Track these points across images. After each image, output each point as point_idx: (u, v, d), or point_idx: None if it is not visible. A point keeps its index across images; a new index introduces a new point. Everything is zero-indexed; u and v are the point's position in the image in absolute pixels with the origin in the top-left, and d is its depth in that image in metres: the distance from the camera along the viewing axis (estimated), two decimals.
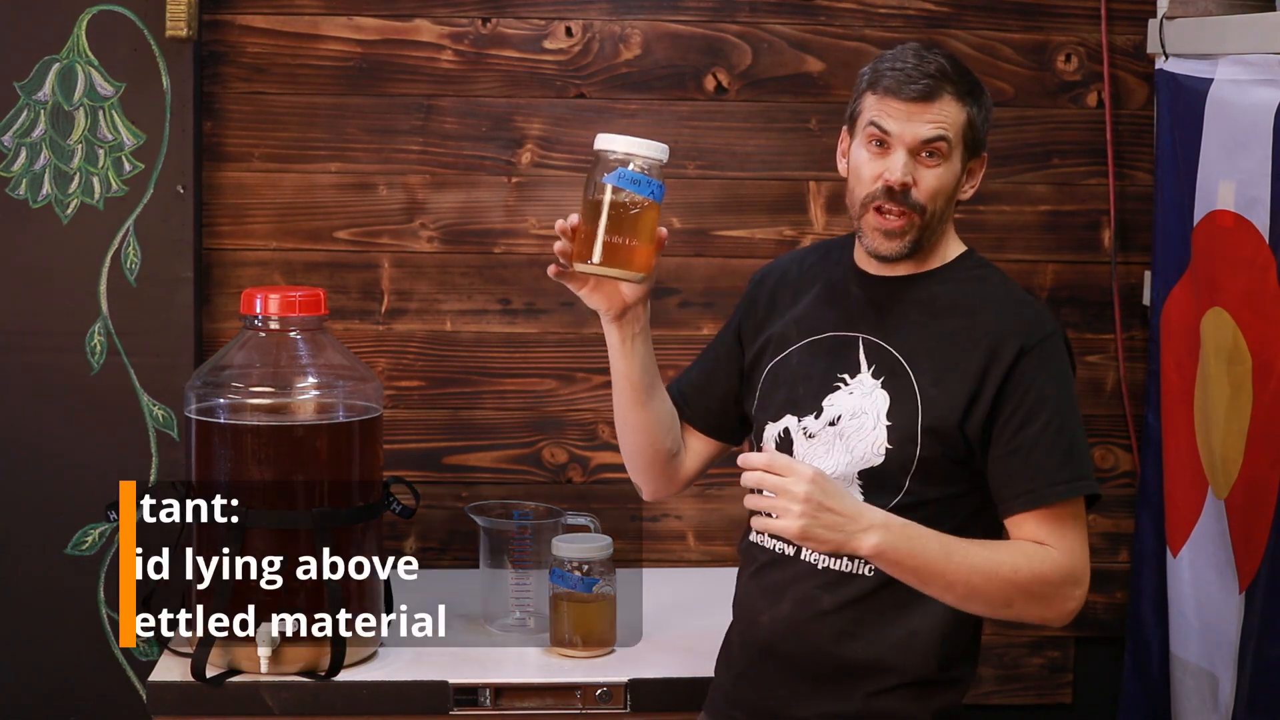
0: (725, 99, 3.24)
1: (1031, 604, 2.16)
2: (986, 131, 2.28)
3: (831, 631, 2.23)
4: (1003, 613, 2.18)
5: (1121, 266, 3.30)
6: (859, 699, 2.22)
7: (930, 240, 2.25)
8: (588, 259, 2.17)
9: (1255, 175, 2.69)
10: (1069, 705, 3.38)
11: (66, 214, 3.12)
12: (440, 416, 3.27)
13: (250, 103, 3.20)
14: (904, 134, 2.20)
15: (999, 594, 2.15)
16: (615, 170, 2.18)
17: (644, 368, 2.30)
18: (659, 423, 2.36)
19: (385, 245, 3.24)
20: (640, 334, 2.28)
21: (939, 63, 2.22)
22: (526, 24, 3.22)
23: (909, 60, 2.22)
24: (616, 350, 2.29)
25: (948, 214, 2.26)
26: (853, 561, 2.22)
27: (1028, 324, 2.22)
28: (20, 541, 3.14)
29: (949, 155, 2.22)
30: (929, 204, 2.22)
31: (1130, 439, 3.32)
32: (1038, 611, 2.17)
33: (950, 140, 2.21)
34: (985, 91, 2.28)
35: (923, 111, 2.20)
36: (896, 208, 2.21)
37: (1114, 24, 3.26)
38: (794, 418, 2.28)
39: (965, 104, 2.23)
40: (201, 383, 2.59)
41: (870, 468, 2.21)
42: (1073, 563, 2.17)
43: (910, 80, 2.20)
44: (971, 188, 2.28)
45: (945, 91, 2.21)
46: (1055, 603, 2.17)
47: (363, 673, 2.59)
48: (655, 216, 2.20)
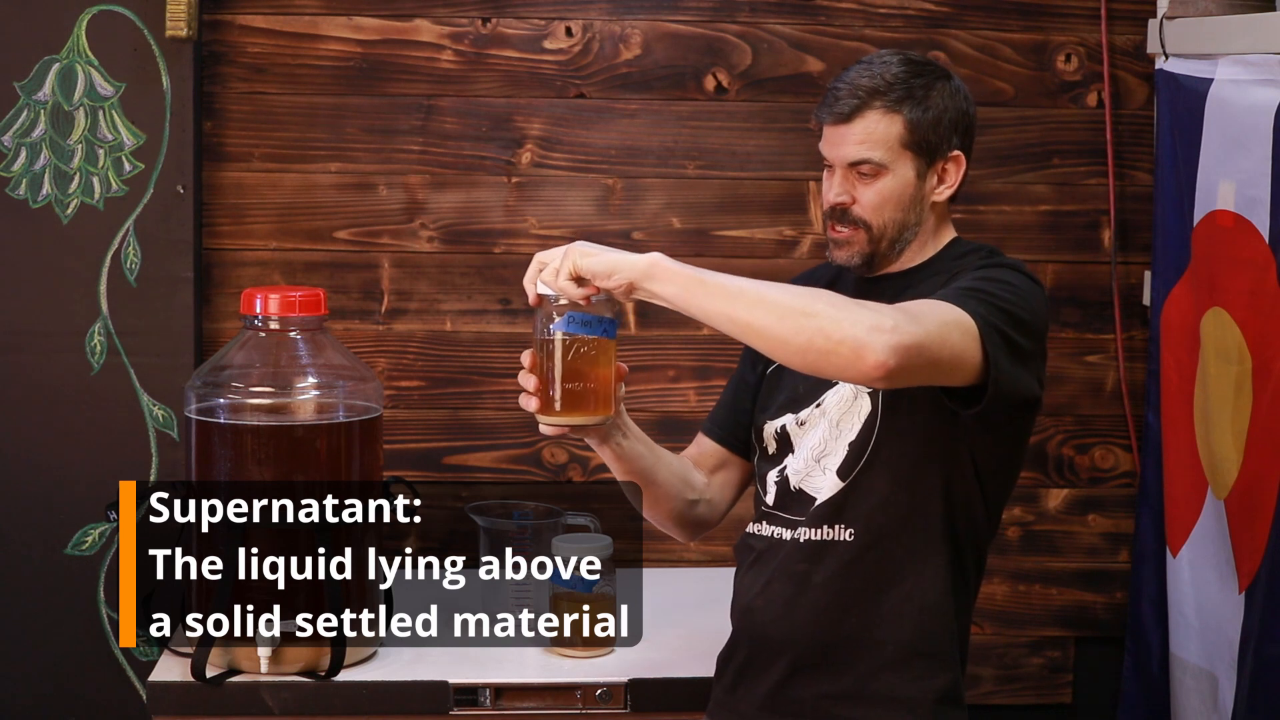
0: (725, 99, 3.24)
1: (834, 314, 1.99)
2: (952, 130, 2.26)
3: (825, 606, 2.25)
4: (803, 322, 2.00)
5: (1121, 266, 3.30)
6: (856, 678, 2.24)
7: (897, 247, 2.28)
8: (549, 411, 2.15)
9: (1255, 175, 2.69)
10: (1069, 705, 3.38)
11: (66, 214, 3.12)
12: (440, 416, 3.27)
13: (250, 103, 3.20)
14: (834, 158, 2.26)
15: (797, 296, 2.02)
16: (564, 315, 2.13)
17: (640, 458, 2.34)
18: (668, 493, 2.40)
19: (385, 245, 3.24)
20: (626, 438, 2.30)
21: (872, 75, 2.24)
22: (526, 24, 3.22)
23: (841, 82, 2.26)
24: (608, 460, 2.33)
25: (911, 220, 2.27)
26: (832, 528, 2.24)
27: (979, 256, 2.25)
28: (20, 541, 3.14)
29: (887, 168, 2.24)
30: (872, 218, 2.25)
31: (1130, 439, 3.32)
32: (842, 330, 1.98)
33: (877, 158, 2.24)
34: (940, 90, 2.26)
35: (846, 133, 2.24)
36: (841, 225, 2.27)
37: (1114, 24, 3.26)
38: (792, 415, 2.30)
39: (899, 111, 2.23)
40: (201, 383, 2.59)
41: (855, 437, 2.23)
42: (891, 311, 2.01)
43: (834, 102, 2.25)
44: (948, 187, 2.28)
45: (869, 108, 2.23)
46: (859, 325, 1.98)
47: (362, 673, 2.59)
48: (611, 352, 2.16)
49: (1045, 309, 2.21)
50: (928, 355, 2.02)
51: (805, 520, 2.26)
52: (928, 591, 2.23)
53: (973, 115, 2.30)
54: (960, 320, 2.07)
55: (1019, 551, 3.34)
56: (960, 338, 2.06)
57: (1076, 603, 3.36)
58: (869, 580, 2.24)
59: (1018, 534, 3.33)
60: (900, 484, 2.22)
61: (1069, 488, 3.35)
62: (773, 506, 2.31)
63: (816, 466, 2.26)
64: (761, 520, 2.33)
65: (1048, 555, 3.35)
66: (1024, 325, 2.13)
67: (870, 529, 2.23)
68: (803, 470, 2.28)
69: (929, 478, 2.22)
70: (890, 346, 1.97)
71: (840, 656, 2.25)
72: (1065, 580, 3.36)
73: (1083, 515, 3.35)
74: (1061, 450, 3.34)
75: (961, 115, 2.27)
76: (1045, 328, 2.21)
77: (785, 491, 2.29)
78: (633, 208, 3.24)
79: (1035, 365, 2.20)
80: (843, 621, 2.25)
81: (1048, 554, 3.35)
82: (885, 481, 2.22)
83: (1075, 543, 3.36)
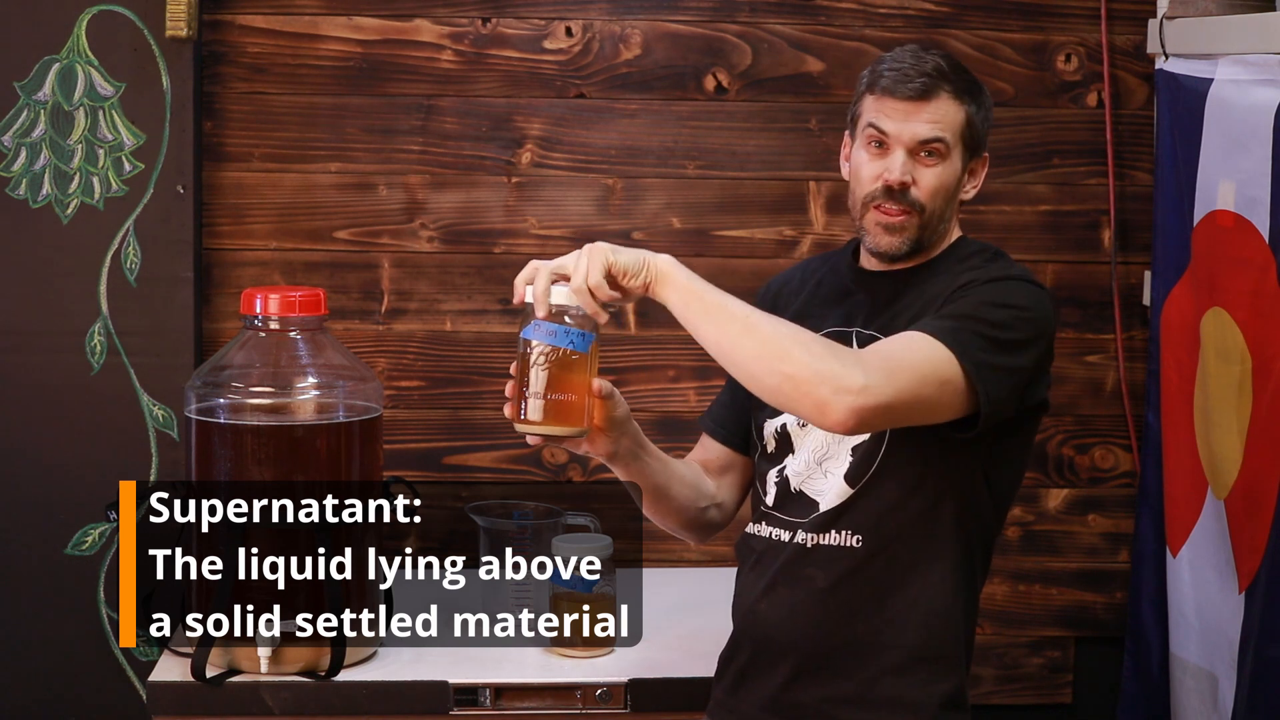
0: (725, 99, 3.24)
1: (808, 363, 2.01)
2: (987, 131, 2.28)
3: (830, 611, 2.24)
4: (778, 365, 2.02)
5: (1121, 266, 3.30)
6: (860, 682, 2.23)
7: (931, 239, 2.26)
8: (518, 418, 2.16)
9: (1255, 175, 2.69)
10: (1069, 705, 3.38)
11: (66, 214, 3.12)
12: (440, 416, 3.27)
13: (250, 103, 3.20)
14: (902, 134, 2.21)
15: (780, 339, 2.03)
16: (531, 323, 2.12)
17: (653, 474, 2.34)
18: (681, 504, 2.40)
19: (385, 245, 3.24)
20: (638, 458, 2.31)
21: (936, 62, 2.23)
22: (526, 24, 3.22)
23: (906, 60, 2.23)
24: (622, 477, 2.35)
25: (949, 213, 2.26)
26: (839, 534, 2.23)
27: (985, 265, 2.24)
28: (20, 541, 3.14)
29: (947, 155, 2.22)
30: (929, 202, 2.22)
31: (1130, 439, 3.32)
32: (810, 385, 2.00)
33: (948, 140, 2.22)
34: (984, 91, 2.28)
35: (919, 110, 2.21)
36: (896, 206, 2.22)
37: (1114, 24, 3.26)
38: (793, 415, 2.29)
39: (964, 103, 2.23)
40: (201, 383, 2.59)
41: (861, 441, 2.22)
42: (869, 364, 2.03)
43: (906, 79, 2.21)
44: (974, 188, 2.29)
45: (943, 90, 2.22)
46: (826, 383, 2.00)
47: (362, 673, 2.59)
48: (582, 367, 2.14)
49: (1052, 314, 2.20)
50: (895, 413, 2.05)
51: (806, 523, 2.26)
52: (934, 596, 2.22)
53: None
54: (939, 367, 2.06)
55: (1019, 551, 3.34)
56: (936, 389, 2.06)
57: (1076, 603, 3.36)
58: (875, 586, 2.23)
59: (1018, 534, 3.33)
60: (909, 491, 2.21)
61: (1069, 488, 3.35)
62: (772, 507, 2.30)
63: (818, 469, 2.25)
64: (761, 521, 2.32)
65: (1048, 555, 3.35)
66: (1020, 346, 2.13)
67: (878, 536, 2.22)
68: (804, 472, 2.27)
69: (938, 485, 2.21)
70: (851, 409, 2.00)
71: (844, 661, 2.24)
72: (1065, 580, 3.36)
73: (1083, 515, 3.35)
74: (1061, 450, 3.34)
75: (991, 119, 2.29)
76: (1051, 334, 2.20)
77: (785, 493, 2.29)
78: (633, 208, 3.23)
79: (1038, 377, 2.19)
80: (848, 626, 2.24)
81: (1048, 554, 3.35)
82: (894, 489, 2.21)
83: (1075, 543, 3.36)
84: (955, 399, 2.08)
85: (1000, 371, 2.10)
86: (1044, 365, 2.21)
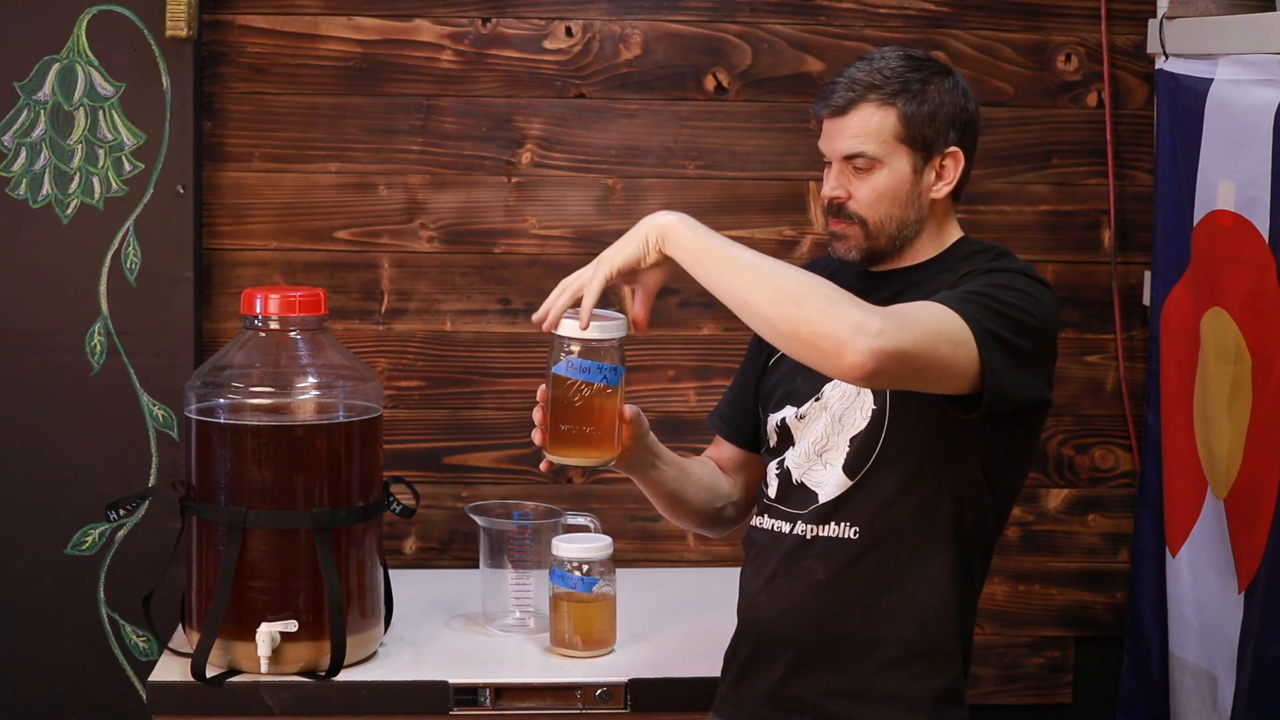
0: (725, 99, 3.24)
1: (824, 307, 1.99)
2: (949, 124, 2.26)
3: (828, 604, 2.25)
4: (793, 310, 2.00)
5: (1121, 266, 3.31)
6: (859, 675, 2.24)
7: (893, 245, 2.28)
8: (548, 447, 2.19)
9: (1255, 175, 2.69)
10: (1069, 705, 3.39)
11: (66, 214, 3.12)
12: (440, 416, 3.27)
13: (250, 103, 3.20)
14: (830, 152, 2.28)
15: (795, 284, 2.02)
16: (563, 359, 2.15)
17: (670, 481, 2.39)
18: (698, 507, 2.45)
19: (385, 245, 3.24)
20: (655, 467, 2.36)
21: (868, 70, 2.25)
22: (526, 24, 3.22)
23: (839, 76, 2.28)
24: (640, 485, 2.40)
25: (909, 217, 2.27)
26: (838, 526, 2.25)
27: (990, 261, 2.25)
28: (20, 541, 3.14)
29: (882, 162, 2.24)
30: (868, 213, 2.26)
31: (1130, 439, 3.33)
32: (827, 325, 1.98)
33: (871, 151, 2.24)
34: (935, 84, 2.26)
35: (842, 126, 2.26)
36: (838, 220, 2.29)
37: (1114, 24, 3.26)
38: (792, 408, 2.31)
39: (893, 105, 2.24)
40: (201, 383, 2.59)
41: (859, 432, 2.23)
42: (886, 314, 2.02)
43: (825, 98, 2.27)
44: (947, 184, 2.28)
45: (864, 100, 2.24)
46: (845, 323, 1.98)
47: (363, 673, 2.59)
48: (613, 400, 2.18)
49: (1055, 311, 2.21)
50: (911, 363, 2.02)
51: (806, 515, 2.27)
52: (931, 591, 2.23)
53: (973, 112, 2.30)
54: (954, 330, 2.06)
55: (1019, 551, 3.34)
56: (951, 349, 2.05)
57: (1076, 603, 3.36)
58: (872, 579, 2.24)
59: (1018, 534, 3.33)
60: (907, 484, 2.22)
61: (1069, 488, 3.35)
62: (774, 499, 2.32)
63: (818, 460, 2.27)
64: (764, 513, 2.34)
65: (1048, 555, 3.35)
66: (1028, 329, 2.13)
67: (875, 528, 2.23)
68: (804, 463, 2.28)
69: (937, 478, 2.22)
70: (870, 350, 1.97)
71: (842, 654, 2.25)
72: (1065, 580, 3.36)
73: (1083, 515, 3.35)
74: (1061, 450, 3.34)
75: (960, 111, 2.27)
76: (1054, 330, 2.21)
77: (787, 484, 2.30)
78: (633, 208, 3.23)
79: (1041, 368, 2.19)
80: (845, 619, 2.25)
81: (1048, 554, 3.35)
82: (892, 481, 2.22)
83: (1075, 543, 3.36)
84: (966, 365, 2.06)
85: (1006, 346, 2.10)
86: (1047, 358, 2.21)
